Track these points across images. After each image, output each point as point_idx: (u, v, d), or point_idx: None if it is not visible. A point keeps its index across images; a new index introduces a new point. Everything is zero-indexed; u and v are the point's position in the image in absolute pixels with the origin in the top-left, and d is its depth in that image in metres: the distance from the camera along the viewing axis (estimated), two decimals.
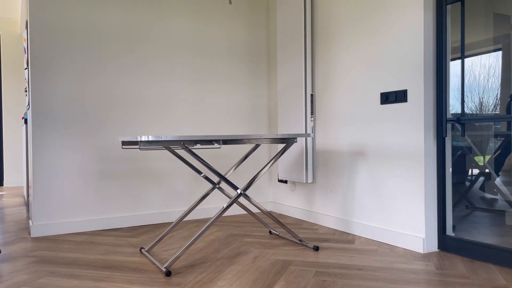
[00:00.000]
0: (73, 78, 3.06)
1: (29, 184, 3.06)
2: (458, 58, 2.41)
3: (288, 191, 3.63)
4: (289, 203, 3.63)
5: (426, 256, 2.34)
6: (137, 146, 2.63)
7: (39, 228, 2.94)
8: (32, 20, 2.92)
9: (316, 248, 2.49)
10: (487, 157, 3.75)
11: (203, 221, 3.43)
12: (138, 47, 3.28)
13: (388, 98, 2.60)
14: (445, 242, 2.41)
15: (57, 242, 2.76)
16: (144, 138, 2.02)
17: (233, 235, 2.91)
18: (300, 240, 2.61)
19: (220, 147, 2.46)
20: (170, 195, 3.43)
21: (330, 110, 3.10)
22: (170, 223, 3.37)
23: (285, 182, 3.66)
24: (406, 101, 2.48)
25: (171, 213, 3.42)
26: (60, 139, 3.01)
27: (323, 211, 3.19)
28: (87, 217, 3.11)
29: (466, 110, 2.61)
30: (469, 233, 2.75)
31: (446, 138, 2.39)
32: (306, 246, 2.58)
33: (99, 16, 3.14)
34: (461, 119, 2.31)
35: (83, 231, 3.08)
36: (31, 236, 2.92)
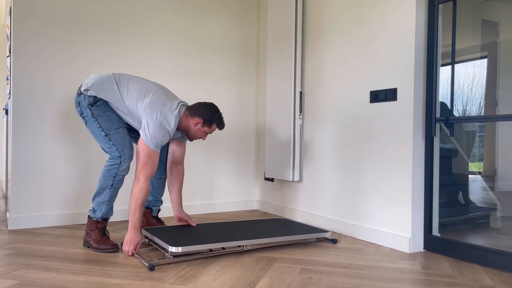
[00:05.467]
0: (57, 67, 2.97)
1: (8, 176, 2.96)
2: (448, 64, 2.41)
3: (275, 189, 3.59)
4: (275, 202, 3.59)
5: (412, 256, 2.32)
6: None
7: (16, 221, 2.85)
8: (15, 6, 2.83)
9: (335, 241, 2.55)
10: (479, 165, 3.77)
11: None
12: (126, 38, 3.21)
13: (377, 96, 2.58)
14: (431, 242, 2.40)
15: (35, 235, 2.67)
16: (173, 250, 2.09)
17: None
18: None
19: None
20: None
21: (319, 108, 3.08)
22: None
23: (272, 180, 3.62)
24: (396, 100, 2.47)
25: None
26: (41, 130, 2.93)
27: (309, 210, 3.16)
28: (67, 210, 3.02)
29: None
30: (458, 233, 2.75)
31: (434, 137, 2.38)
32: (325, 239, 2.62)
33: (86, 4, 3.06)
34: (450, 119, 2.31)
35: (63, 225, 2.99)
36: (8, 228, 2.83)
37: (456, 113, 3.55)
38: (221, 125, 2.51)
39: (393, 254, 2.35)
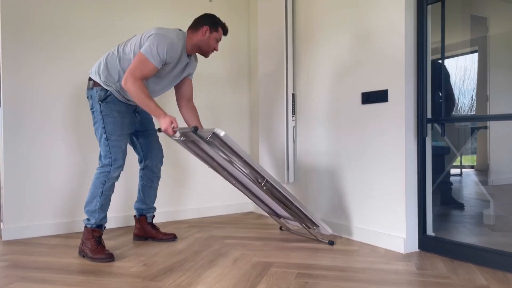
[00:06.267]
0: (47, 73, 2.95)
1: (0, 185, 2.94)
2: (439, 59, 2.42)
3: None
4: None
5: (407, 256, 2.34)
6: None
7: (10, 231, 2.83)
8: (4, 13, 2.81)
9: (331, 243, 2.58)
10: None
11: (182, 222, 3.36)
12: (115, 44, 3.19)
13: (369, 98, 2.59)
14: (425, 242, 2.41)
15: (30, 246, 2.66)
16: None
17: (213, 236, 2.85)
18: (316, 237, 2.69)
19: None
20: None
21: (312, 109, 3.08)
22: None
23: None
24: (387, 101, 2.48)
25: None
26: (33, 136, 2.91)
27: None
28: (62, 219, 3.01)
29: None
30: (449, 232, 2.77)
31: (426, 138, 2.39)
32: (321, 241, 2.66)
33: (75, 11, 3.04)
34: (441, 119, 2.32)
35: (58, 234, 2.98)
36: (2, 239, 2.81)
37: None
38: (224, 27, 2.57)
39: (388, 255, 2.36)
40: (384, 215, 2.52)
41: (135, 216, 2.79)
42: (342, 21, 2.79)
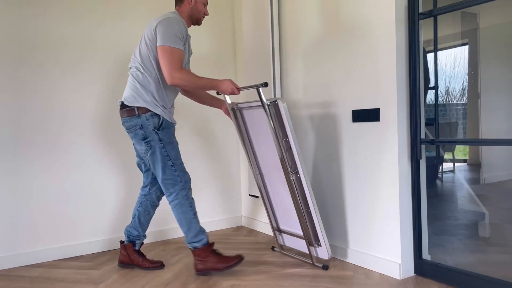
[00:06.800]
0: (5, 94, 2.80)
1: None
2: (431, 51, 2.32)
3: (260, 205, 3.49)
4: (261, 219, 3.50)
5: (403, 283, 2.25)
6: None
7: None
8: None
9: (326, 267, 2.51)
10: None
11: (170, 242, 3.25)
12: (89, 56, 3.04)
13: (360, 116, 2.48)
14: (421, 267, 2.33)
15: (10, 279, 2.53)
16: None
17: None
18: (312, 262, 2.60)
19: None
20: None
21: (301, 123, 2.97)
22: None
23: (257, 196, 3.52)
24: (379, 121, 2.37)
25: None
26: (3, 159, 2.77)
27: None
28: (42, 246, 2.88)
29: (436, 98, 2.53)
30: (444, 248, 2.70)
31: (420, 160, 2.30)
32: (315, 265, 2.59)
33: (37, 26, 2.88)
34: (436, 141, 2.22)
35: (39, 263, 2.85)
36: None
37: (439, 94, 3.49)
38: None
39: (383, 283, 2.27)
40: (379, 239, 2.44)
41: (122, 241, 2.67)
42: (332, 34, 2.67)
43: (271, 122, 2.38)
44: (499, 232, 3.12)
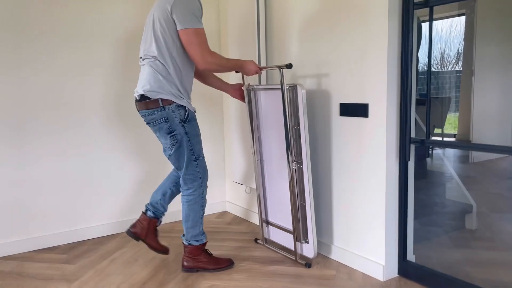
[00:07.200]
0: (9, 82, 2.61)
1: None
2: (426, 21, 2.17)
3: (245, 192, 3.40)
4: (245, 206, 3.41)
5: (386, 285, 2.20)
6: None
7: None
8: None
9: (309, 266, 2.43)
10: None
11: None
12: (58, 40, 2.83)
13: (347, 110, 2.35)
14: (405, 268, 2.27)
15: None
16: None
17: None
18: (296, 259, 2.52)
19: None
20: (118, 204, 3.11)
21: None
22: (114, 235, 3.07)
23: (241, 184, 3.41)
24: (367, 117, 2.24)
25: (117, 224, 3.12)
26: None
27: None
28: (15, 237, 2.77)
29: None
30: (429, 242, 2.65)
31: (409, 162, 2.19)
32: (298, 262, 2.50)
33: (39, 6, 2.65)
34: (426, 141, 2.11)
35: (12, 254, 2.74)
36: None
37: (434, 62, 3.36)
38: None
39: (366, 285, 2.21)
40: (363, 239, 2.36)
41: (145, 212, 2.48)
42: (319, 20, 2.48)
43: (287, 106, 2.31)
44: (486, 224, 3.08)
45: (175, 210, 3.37)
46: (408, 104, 2.12)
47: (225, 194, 3.66)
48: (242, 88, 2.64)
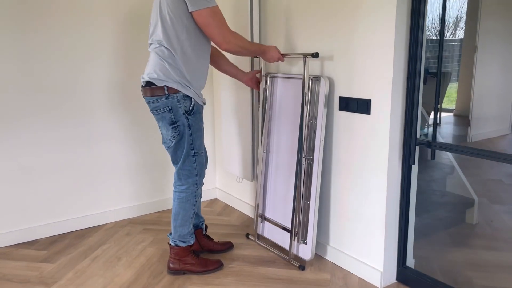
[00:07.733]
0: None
1: None
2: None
3: (236, 181, 3.23)
4: (236, 195, 3.26)
5: None
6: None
7: None
8: None
9: (302, 268, 2.30)
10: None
11: (136, 222, 3.00)
12: (67, 18, 2.58)
13: (348, 104, 2.15)
14: (404, 274, 2.15)
15: None
16: None
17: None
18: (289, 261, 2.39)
19: None
20: (100, 193, 2.94)
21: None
22: (97, 227, 2.92)
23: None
24: (369, 114, 2.05)
25: (100, 215, 2.96)
26: None
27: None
28: None
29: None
30: (429, 240, 2.53)
31: (413, 166, 2.01)
32: (291, 264, 2.37)
33: None
34: (433, 144, 1.93)
35: None
36: None
37: (432, 27, 3.20)
38: None
39: None
40: (361, 242, 2.22)
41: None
42: (320, 4, 2.24)
43: (307, 98, 2.20)
44: (487, 218, 2.96)
45: (163, 198, 3.21)
46: (415, 101, 1.93)
47: (215, 181, 3.50)
48: (257, 76, 2.47)
